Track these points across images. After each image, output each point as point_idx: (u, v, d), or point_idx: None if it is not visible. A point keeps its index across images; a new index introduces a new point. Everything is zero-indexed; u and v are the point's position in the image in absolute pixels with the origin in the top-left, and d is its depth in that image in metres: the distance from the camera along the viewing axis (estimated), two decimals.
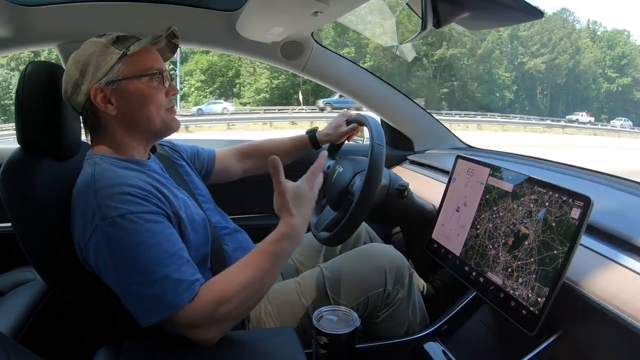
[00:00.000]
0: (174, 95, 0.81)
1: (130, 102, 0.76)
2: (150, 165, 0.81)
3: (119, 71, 0.74)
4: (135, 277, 0.63)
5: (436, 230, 0.93)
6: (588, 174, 1.06)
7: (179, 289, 0.63)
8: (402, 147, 1.60)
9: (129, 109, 0.76)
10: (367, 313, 0.90)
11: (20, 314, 0.94)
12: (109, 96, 0.75)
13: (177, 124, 0.82)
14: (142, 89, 0.76)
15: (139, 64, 0.76)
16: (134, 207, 0.65)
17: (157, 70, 0.77)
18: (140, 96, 0.76)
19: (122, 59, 0.74)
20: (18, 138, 0.79)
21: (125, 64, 0.75)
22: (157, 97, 0.77)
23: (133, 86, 0.75)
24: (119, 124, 0.77)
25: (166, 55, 0.85)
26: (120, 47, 0.75)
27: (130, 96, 0.75)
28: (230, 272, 0.67)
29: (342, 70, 1.44)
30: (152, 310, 0.62)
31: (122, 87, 0.75)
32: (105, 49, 0.75)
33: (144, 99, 0.76)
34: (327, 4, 0.85)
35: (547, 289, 0.63)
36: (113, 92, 0.75)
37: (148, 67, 0.76)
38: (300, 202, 0.69)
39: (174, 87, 0.81)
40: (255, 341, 0.69)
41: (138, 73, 0.75)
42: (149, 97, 0.76)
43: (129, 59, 0.75)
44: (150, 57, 0.78)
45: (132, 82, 0.75)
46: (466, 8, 0.80)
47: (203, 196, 0.92)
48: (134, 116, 0.77)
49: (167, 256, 0.64)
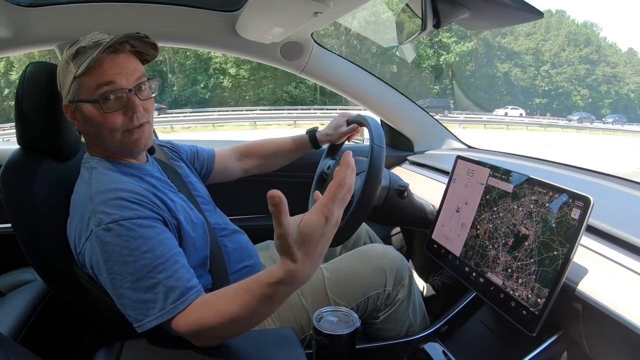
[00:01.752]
0: (136, 114, 0.72)
1: (86, 125, 0.74)
2: (147, 168, 0.81)
3: (74, 92, 0.71)
4: (128, 283, 0.63)
5: (436, 231, 0.93)
6: (588, 174, 1.06)
7: (171, 296, 0.62)
8: (402, 147, 1.61)
9: (87, 129, 0.75)
10: (367, 313, 0.90)
11: (20, 315, 0.94)
12: (75, 113, 0.74)
13: (139, 144, 0.75)
14: (92, 114, 0.71)
15: (88, 85, 0.70)
16: (127, 213, 0.65)
17: (108, 87, 0.70)
18: (91, 120, 0.72)
19: (75, 79, 0.70)
20: (18, 139, 0.79)
21: (78, 85, 0.70)
22: (110, 121, 0.71)
23: (86, 109, 0.72)
24: (90, 139, 0.77)
25: (151, 53, 0.78)
26: (77, 63, 0.69)
27: (86, 119, 0.73)
28: (218, 300, 0.61)
29: (342, 71, 1.44)
30: (146, 316, 0.62)
31: (80, 108, 0.72)
32: (66, 66, 0.71)
33: (95, 123, 0.72)
34: (327, 4, 0.85)
35: (547, 289, 0.63)
36: (75, 111, 0.73)
37: (98, 85, 0.69)
38: (308, 243, 0.52)
39: (132, 105, 0.72)
40: (255, 341, 0.69)
41: (88, 97, 0.70)
42: (99, 122, 0.71)
43: (80, 80, 0.70)
44: (102, 73, 0.69)
45: (84, 105, 0.71)
46: (466, 8, 0.80)
47: (202, 198, 0.92)
48: (92, 136, 0.76)
49: (160, 262, 0.64)
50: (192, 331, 0.62)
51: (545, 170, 1.13)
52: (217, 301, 0.61)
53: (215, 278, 0.80)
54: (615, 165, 9.01)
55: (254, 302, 0.57)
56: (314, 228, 0.52)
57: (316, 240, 0.53)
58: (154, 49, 0.77)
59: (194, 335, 0.62)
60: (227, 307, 0.59)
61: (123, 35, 0.69)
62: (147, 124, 0.75)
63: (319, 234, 0.52)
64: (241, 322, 0.60)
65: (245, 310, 0.58)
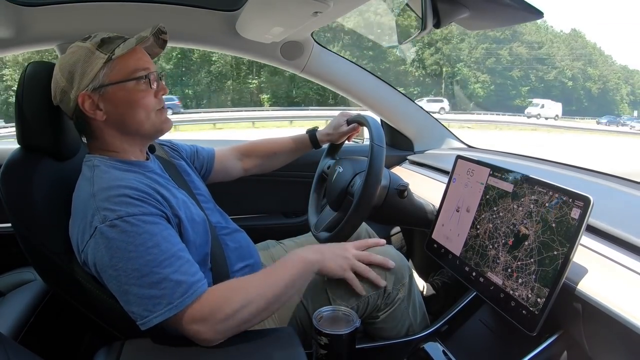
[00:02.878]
0: (164, 95, 0.79)
1: (118, 108, 0.74)
2: (149, 165, 0.81)
3: (105, 76, 0.72)
4: (134, 279, 0.63)
5: (436, 230, 0.93)
6: (588, 174, 1.06)
7: (178, 291, 0.63)
8: (402, 147, 1.61)
9: (117, 114, 0.75)
10: (367, 313, 0.90)
11: (20, 315, 0.94)
12: (97, 102, 0.73)
13: (168, 124, 0.80)
14: (129, 94, 0.74)
15: (125, 68, 0.73)
16: (132, 209, 0.65)
17: (144, 72, 0.75)
18: (127, 101, 0.74)
19: (107, 63, 0.72)
20: (18, 138, 0.79)
21: (110, 69, 0.73)
22: (145, 101, 0.75)
23: (120, 91, 0.73)
24: (110, 128, 0.77)
25: (155, 51, 0.83)
26: (105, 50, 0.72)
27: (118, 101, 0.74)
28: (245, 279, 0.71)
29: (342, 71, 1.44)
30: (152, 312, 0.62)
31: (109, 92, 0.73)
32: (90, 54, 0.73)
33: (132, 103, 0.74)
34: (327, 4, 0.85)
35: (546, 289, 0.63)
36: (101, 98, 0.73)
37: (134, 70, 0.74)
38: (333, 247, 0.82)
39: (163, 87, 0.79)
40: (255, 341, 0.69)
41: (124, 77, 0.73)
42: (136, 101, 0.74)
43: (114, 63, 0.73)
44: (136, 59, 0.75)
45: (119, 86, 0.73)
46: (466, 8, 0.80)
47: (203, 196, 0.92)
48: (123, 121, 0.76)
49: (166, 257, 0.64)
50: (203, 317, 0.63)
51: (545, 170, 1.13)
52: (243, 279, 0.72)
53: (216, 276, 0.80)
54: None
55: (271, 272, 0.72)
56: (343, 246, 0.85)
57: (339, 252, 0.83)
58: (161, 47, 0.83)
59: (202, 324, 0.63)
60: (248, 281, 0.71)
61: (156, 27, 0.77)
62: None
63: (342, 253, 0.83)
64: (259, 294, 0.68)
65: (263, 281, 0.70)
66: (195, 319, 0.63)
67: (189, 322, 0.64)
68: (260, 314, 0.68)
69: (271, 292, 0.69)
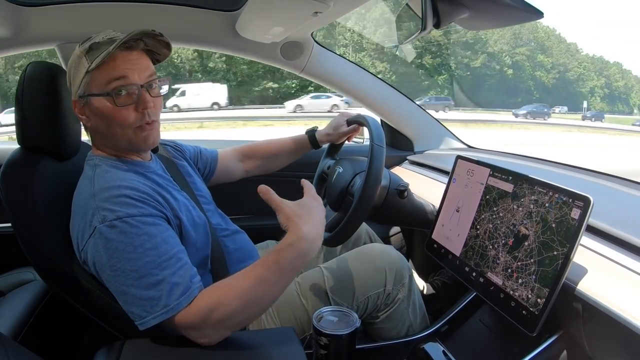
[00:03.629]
0: (145, 109, 0.72)
1: (97, 119, 0.73)
2: (151, 166, 0.81)
3: (85, 86, 0.71)
4: (132, 280, 0.63)
5: (436, 231, 0.93)
6: (588, 174, 1.06)
7: (175, 292, 0.63)
8: (402, 147, 1.61)
9: (97, 124, 0.74)
10: (367, 313, 0.90)
11: (20, 314, 0.94)
12: (84, 109, 0.74)
13: (148, 141, 0.75)
14: (104, 108, 0.71)
15: (101, 79, 0.70)
16: (132, 210, 0.65)
17: (122, 85, 0.70)
18: (102, 114, 0.72)
19: (87, 73, 0.70)
20: (18, 138, 0.79)
21: (90, 79, 0.71)
22: (121, 116, 0.71)
23: (97, 103, 0.71)
24: (99, 134, 0.77)
25: (163, 52, 0.79)
26: (90, 58, 0.70)
27: (96, 113, 0.72)
28: (230, 280, 0.66)
29: (342, 71, 1.44)
30: (150, 313, 0.62)
31: (90, 102, 0.72)
32: (79, 61, 0.72)
33: (105, 117, 0.72)
34: (327, 4, 0.85)
35: (546, 290, 0.63)
36: (85, 106, 0.73)
37: (110, 80, 0.70)
38: (305, 211, 0.67)
39: (143, 101, 0.72)
40: (255, 341, 0.69)
41: (100, 90, 0.71)
42: (111, 117, 0.71)
43: (93, 74, 0.70)
44: (115, 68, 0.70)
45: (96, 99, 0.71)
46: (466, 8, 0.80)
47: (204, 197, 0.92)
48: (102, 132, 0.75)
49: (164, 259, 0.64)
50: (200, 319, 0.62)
51: (545, 170, 1.13)
52: (230, 281, 0.66)
53: (216, 278, 0.80)
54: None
55: (262, 272, 0.64)
56: (307, 201, 0.70)
57: (312, 210, 0.68)
58: (167, 48, 0.78)
59: (200, 324, 0.63)
60: (240, 282, 0.64)
61: (139, 32, 0.70)
62: (156, 122, 0.76)
63: (313, 207, 0.69)
64: (252, 295, 0.63)
65: (256, 281, 0.63)
66: (190, 323, 0.63)
67: (184, 326, 0.63)
68: (254, 318, 0.68)
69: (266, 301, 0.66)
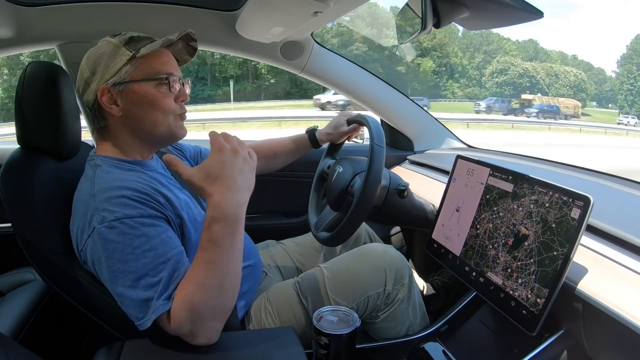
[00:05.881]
0: (184, 102, 0.79)
1: (135, 105, 0.74)
2: (151, 165, 0.81)
3: (127, 73, 0.73)
4: (130, 281, 0.63)
5: (436, 230, 0.93)
6: (588, 174, 1.06)
7: (166, 293, 0.63)
8: (402, 147, 1.61)
9: (133, 111, 0.75)
10: (367, 313, 0.90)
11: (20, 315, 0.94)
12: (115, 97, 0.74)
13: (183, 132, 0.80)
14: (149, 93, 0.74)
15: (148, 67, 0.74)
16: (131, 211, 0.65)
17: (166, 74, 0.75)
18: (146, 100, 0.74)
19: (131, 60, 0.73)
20: (18, 138, 0.79)
21: (134, 66, 0.73)
22: (164, 103, 0.75)
23: (140, 89, 0.74)
24: (124, 125, 0.76)
25: (184, 58, 0.85)
26: (132, 48, 0.74)
27: (136, 99, 0.74)
28: (186, 275, 0.64)
29: (342, 71, 1.44)
30: (147, 314, 0.63)
31: (128, 89, 0.74)
32: (116, 49, 0.74)
33: (150, 103, 0.74)
34: (327, 4, 0.85)
35: (546, 290, 0.63)
36: (119, 94, 0.74)
37: (157, 71, 0.75)
38: (213, 174, 0.62)
39: (183, 93, 0.78)
40: (255, 341, 0.69)
41: (146, 76, 0.74)
42: (154, 101, 0.74)
43: (138, 62, 0.74)
44: (160, 61, 0.76)
45: (139, 85, 0.74)
46: (466, 8, 0.80)
47: None
48: (138, 119, 0.76)
49: (162, 261, 0.64)
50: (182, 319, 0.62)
51: (545, 170, 1.13)
52: (186, 276, 0.64)
53: None
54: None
55: (206, 255, 0.62)
56: (210, 160, 0.63)
57: (218, 168, 0.62)
58: (191, 55, 0.85)
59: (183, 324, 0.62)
60: (192, 273, 0.63)
61: (185, 32, 0.78)
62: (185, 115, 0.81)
63: (217, 163, 0.62)
64: (210, 280, 0.62)
65: (207, 266, 0.62)
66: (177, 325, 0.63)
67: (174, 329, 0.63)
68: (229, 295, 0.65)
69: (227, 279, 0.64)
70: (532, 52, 45.55)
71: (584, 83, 40.71)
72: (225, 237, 0.62)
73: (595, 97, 43.62)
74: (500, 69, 39.13)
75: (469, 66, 40.40)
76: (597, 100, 43.05)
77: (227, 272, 0.64)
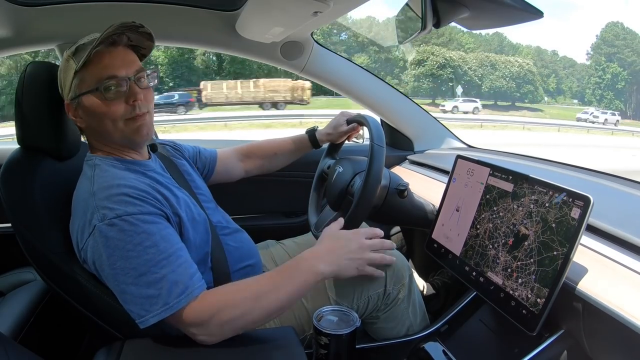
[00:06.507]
0: (136, 101, 0.73)
1: (90, 118, 0.74)
2: (149, 164, 0.81)
3: (75, 87, 0.72)
4: (132, 278, 0.63)
5: (436, 230, 0.93)
6: (588, 174, 1.06)
7: (175, 291, 0.63)
8: (402, 147, 1.60)
9: (91, 123, 0.75)
10: (367, 313, 0.90)
11: (20, 315, 0.94)
12: (77, 110, 0.75)
13: (141, 132, 0.75)
14: (94, 104, 0.72)
15: (90, 77, 0.71)
16: (131, 208, 0.65)
17: (107, 78, 0.71)
18: (92, 111, 0.73)
19: (76, 74, 0.71)
20: (18, 138, 0.79)
21: (79, 79, 0.72)
22: (110, 110, 0.72)
23: (87, 101, 0.72)
24: (94, 136, 0.78)
25: (146, 45, 0.79)
26: (77, 59, 0.71)
27: (89, 112, 0.73)
28: (246, 280, 0.70)
29: (342, 71, 1.44)
30: (149, 312, 0.63)
31: (81, 103, 0.73)
32: (66, 64, 0.73)
33: (97, 114, 0.73)
34: (327, 4, 0.85)
35: (546, 290, 0.63)
36: (78, 107, 0.74)
37: (97, 78, 0.71)
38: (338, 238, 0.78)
39: (133, 92, 0.73)
40: (255, 341, 0.69)
41: (89, 87, 0.71)
42: (101, 112, 0.72)
43: (81, 74, 0.71)
44: (100, 66, 0.71)
45: (87, 97, 0.72)
46: (466, 8, 0.80)
47: (204, 195, 0.93)
48: (98, 130, 0.76)
49: (163, 257, 0.64)
50: (208, 315, 0.63)
51: (545, 170, 1.13)
52: (247, 285, 0.69)
53: (216, 276, 0.80)
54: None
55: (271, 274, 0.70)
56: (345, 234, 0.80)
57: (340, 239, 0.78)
58: (150, 40, 0.78)
59: (206, 321, 0.64)
60: (253, 282, 0.70)
61: (119, 25, 0.70)
62: (147, 114, 0.76)
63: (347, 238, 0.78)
64: (264, 297, 0.67)
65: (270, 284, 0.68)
66: (193, 321, 0.64)
67: (186, 324, 0.64)
68: (259, 322, 0.68)
69: (275, 305, 0.67)
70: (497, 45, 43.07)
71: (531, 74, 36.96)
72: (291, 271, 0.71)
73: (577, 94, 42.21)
74: (419, 59, 34.40)
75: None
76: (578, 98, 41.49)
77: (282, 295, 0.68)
